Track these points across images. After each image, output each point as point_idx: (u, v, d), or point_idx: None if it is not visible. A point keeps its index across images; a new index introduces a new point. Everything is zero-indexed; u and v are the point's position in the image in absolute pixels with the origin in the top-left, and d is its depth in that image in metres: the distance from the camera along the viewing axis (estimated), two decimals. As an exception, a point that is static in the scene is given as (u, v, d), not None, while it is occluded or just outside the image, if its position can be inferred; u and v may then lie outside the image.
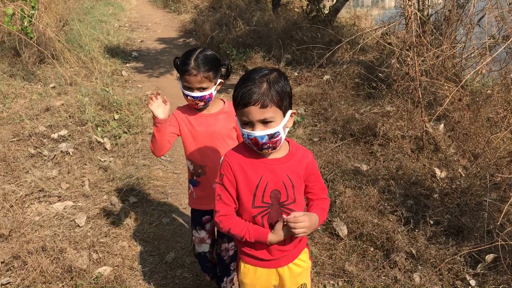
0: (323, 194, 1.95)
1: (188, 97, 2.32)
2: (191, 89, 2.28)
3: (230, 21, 9.42)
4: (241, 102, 1.65)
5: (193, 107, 2.39)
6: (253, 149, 1.75)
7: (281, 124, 1.67)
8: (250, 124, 1.67)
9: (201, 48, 2.33)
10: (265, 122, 1.65)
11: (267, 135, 1.66)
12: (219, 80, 2.37)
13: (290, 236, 1.79)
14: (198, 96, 2.29)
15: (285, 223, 1.74)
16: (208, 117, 2.42)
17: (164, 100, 2.29)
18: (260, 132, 1.66)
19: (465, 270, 3.03)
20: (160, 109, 2.24)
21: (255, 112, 1.64)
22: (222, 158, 2.09)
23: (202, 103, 2.34)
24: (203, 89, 2.28)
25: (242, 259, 1.96)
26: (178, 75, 2.35)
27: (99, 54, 7.87)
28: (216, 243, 2.69)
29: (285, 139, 1.81)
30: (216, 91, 2.37)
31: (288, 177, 1.79)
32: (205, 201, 2.50)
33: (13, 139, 4.87)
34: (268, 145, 1.70)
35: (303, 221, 1.71)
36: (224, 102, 2.49)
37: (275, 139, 1.69)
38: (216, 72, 2.32)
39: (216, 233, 2.69)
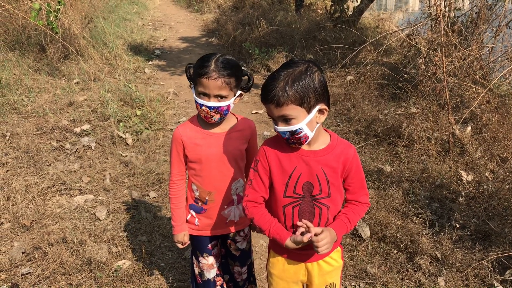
0: (361, 193, 1.84)
1: (203, 107, 1.95)
2: (208, 96, 1.93)
3: (253, 21, 9.39)
4: (261, 98, 1.64)
5: (206, 121, 2.03)
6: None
7: (304, 121, 1.61)
8: (273, 119, 1.66)
9: (221, 53, 2.01)
10: (285, 119, 1.62)
11: (288, 131, 1.63)
12: (239, 92, 2.04)
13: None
14: (214, 107, 1.94)
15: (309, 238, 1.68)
16: (219, 136, 2.07)
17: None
18: (281, 128, 1.64)
19: (492, 276, 2.93)
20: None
21: (273, 109, 1.62)
22: (235, 181, 2.08)
23: (218, 116, 1.99)
24: (222, 97, 1.94)
25: (273, 249, 1.92)
26: (191, 83, 2.06)
27: (122, 52, 7.92)
28: (228, 263, 2.43)
29: (327, 132, 1.78)
30: (233, 105, 2.03)
31: (323, 171, 1.72)
32: (211, 227, 2.22)
33: (37, 132, 4.91)
34: (292, 140, 1.67)
35: (325, 238, 1.65)
36: (238, 118, 2.16)
37: (298, 136, 1.64)
38: (238, 81, 1.99)
39: (226, 254, 2.40)
